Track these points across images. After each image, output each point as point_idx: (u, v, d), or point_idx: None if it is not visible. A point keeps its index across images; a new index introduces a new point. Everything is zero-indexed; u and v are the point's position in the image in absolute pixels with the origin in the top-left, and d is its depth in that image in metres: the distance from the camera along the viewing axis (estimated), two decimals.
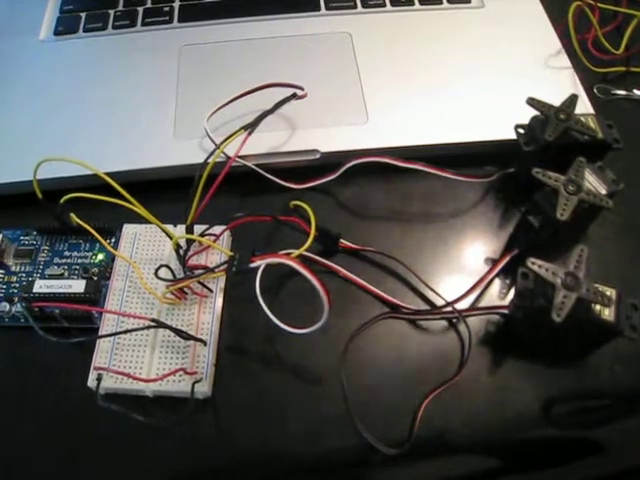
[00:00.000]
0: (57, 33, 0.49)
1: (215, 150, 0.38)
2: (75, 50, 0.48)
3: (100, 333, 0.35)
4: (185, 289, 0.36)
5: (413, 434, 0.34)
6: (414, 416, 0.34)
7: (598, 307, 0.32)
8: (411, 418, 0.34)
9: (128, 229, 0.39)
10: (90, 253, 0.39)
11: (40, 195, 0.37)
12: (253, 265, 0.30)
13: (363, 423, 0.34)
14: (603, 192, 0.36)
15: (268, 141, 0.41)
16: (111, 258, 0.39)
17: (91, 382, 0.34)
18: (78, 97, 0.45)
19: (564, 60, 0.46)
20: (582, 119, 0.38)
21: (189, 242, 0.36)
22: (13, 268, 0.39)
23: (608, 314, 0.32)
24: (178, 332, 0.34)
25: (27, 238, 0.40)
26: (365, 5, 0.50)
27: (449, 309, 0.37)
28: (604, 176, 0.36)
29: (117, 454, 0.34)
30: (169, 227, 0.37)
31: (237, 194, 0.42)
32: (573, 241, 0.38)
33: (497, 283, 0.39)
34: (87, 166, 0.34)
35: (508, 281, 0.39)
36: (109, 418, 0.33)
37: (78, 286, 0.36)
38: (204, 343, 0.35)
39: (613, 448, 0.34)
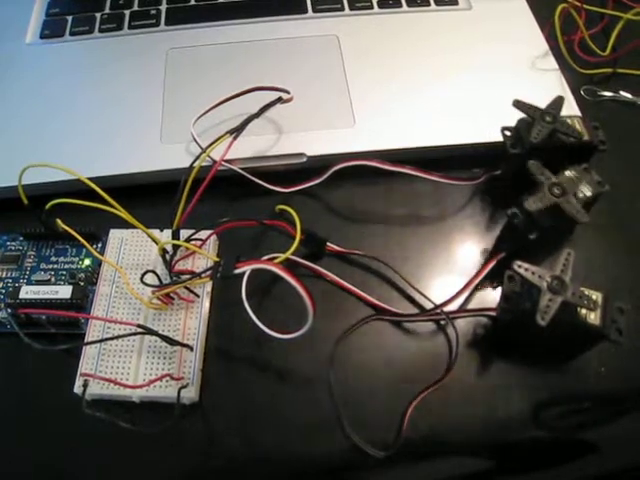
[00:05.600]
0: (43, 36, 0.49)
1: (201, 154, 0.38)
2: (61, 54, 0.48)
3: (87, 339, 0.35)
4: (172, 294, 0.36)
5: (401, 436, 0.34)
6: (402, 418, 0.34)
7: (584, 311, 0.32)
8: (399, 420, 0.34)
9: (114, 234, 0.39)
10: (77, 258, 0.39)
11: (26, 200, 0.36)
12: (237, 271, 0.30)
13: (351, 426, 0.34)
14: (588, 194, 0.36)
15: (254, 145, 0.41)
16: (98, 263, 0.38)
17: (77, 388, 0.34)
18: (64, 101, 0.45)
19: (551, 62, 0.47)
20: (568, 121, 0.38)
21: (175, 247, 0.36)
22: None
23: (594, 318, 0.32)
24: (164, 338, 0.34)
25: (13, 244, 0.40)
26: (352, 7, 0.50)
27: (437, 311, 0.37)
28: (590, 178, 0.36)
29: (103, 461, 0.34)
30: (155, 232, 0.37)
31: (223, 198, 0.42)
32: (560, 243, 0.38)
33: (485, 286, 0.39)
34: (71, 172, 0.34)
35: (496, 284, 0.39)
36: (95, 424, 0.33)
37: (64, 292, 0.36)
38: (191, 348, 0.35)
39: (602, 449, 0.34)
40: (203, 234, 0.37)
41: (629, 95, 0.47)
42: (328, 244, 0.39)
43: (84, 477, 0.33)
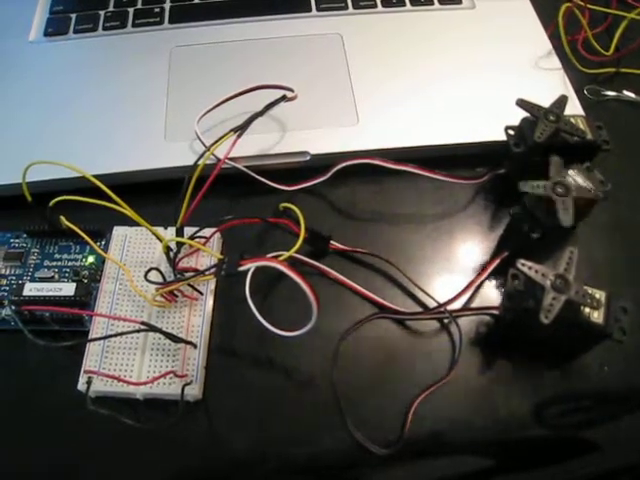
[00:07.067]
0: (47, 34, 0.49)
1: (205, 152, 0.38)
2: (65, 51, 0.48)
3: (90, 336, 0.35)
4: (175, 292, 0.36)
5: (404, 434, 0.34)
6: (405, 416, 0.34)
7: (587, 309, 0.32)
8: (402, 418, 0.34)
9: (118, 231, 0.39)
10: (80, 256, 0.39)
11: (29, 198, 0.37)
12: (242, 268, 0.30)
13: (354, 424, 0.34)
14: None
15: (258, 143, 0.41)
16: (101, 261, 0.38)
17: (81, 385, 0.34)
18: (68, 98, 0.45)
19: (554, 61, 0.47)
20: (572, 120, 0.38)
21: (179, 245, 0.36)
22: (3, 271, 0.38)
23: (597, 316, 0.32)
24: (168, 335, 0.34)
25: (17, 241, 0.40)
26: (356, 6, 0.50)
27: (440, 310, 0.37)
28: (592, 177, 0.36)
29: (106, 457, 0.34)
30: (159, 229, 0.37)
31: (227, 196, 0.42)
32: (563, 242, 0.38)
33: (488, 284, 0.39)
34: (75, 168, 0.34)
35: (499, 282, 0.39)
36: (99, 421, 0.33)
37: (68, 289, 0.36)
38: (194, 346, 0.35)
39: (603, 448, 0.34)
40: (207, 232, 0.37)
41: (632, 95, 0.47)
42: (332, 242, 0.39)
43: (87, 474, 0.33)
